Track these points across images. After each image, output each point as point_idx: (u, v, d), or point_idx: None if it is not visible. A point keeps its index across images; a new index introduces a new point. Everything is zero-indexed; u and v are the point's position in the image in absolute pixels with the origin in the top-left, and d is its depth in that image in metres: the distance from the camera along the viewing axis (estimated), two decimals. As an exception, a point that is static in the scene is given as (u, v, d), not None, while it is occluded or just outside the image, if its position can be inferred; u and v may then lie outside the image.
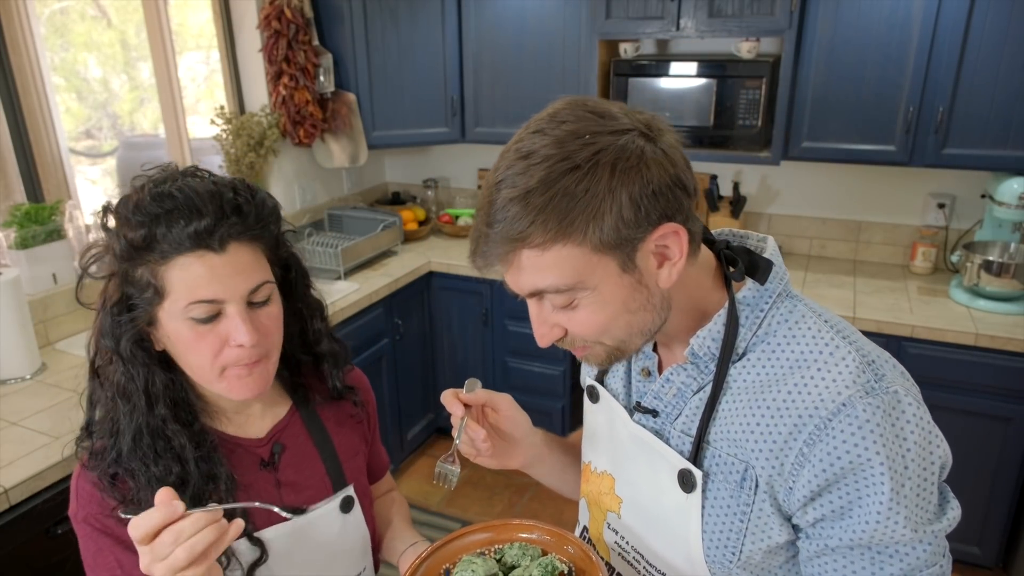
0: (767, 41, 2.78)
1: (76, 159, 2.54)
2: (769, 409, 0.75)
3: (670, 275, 0.75)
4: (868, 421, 0.70)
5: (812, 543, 0.75)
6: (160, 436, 0.90)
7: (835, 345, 0.76)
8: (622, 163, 0.69)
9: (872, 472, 0.69)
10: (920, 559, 0.72)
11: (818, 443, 0.71)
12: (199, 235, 0.84)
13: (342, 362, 1.09)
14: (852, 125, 2.49)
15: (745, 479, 0.77)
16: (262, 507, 0.88)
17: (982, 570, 2.53)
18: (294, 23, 2.78)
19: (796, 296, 0.82)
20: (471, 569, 0.84)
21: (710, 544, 0.80)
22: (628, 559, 0.92)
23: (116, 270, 0.88)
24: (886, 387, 0.72)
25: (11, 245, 2.11)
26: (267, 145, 2.88)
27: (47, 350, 2.14)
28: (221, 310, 0.87)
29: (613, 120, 0.71)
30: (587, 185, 0.68)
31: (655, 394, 0.86)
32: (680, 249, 0.74)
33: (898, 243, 2.88)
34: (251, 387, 0.92)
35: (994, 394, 2.28)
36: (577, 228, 0.69)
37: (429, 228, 3.45)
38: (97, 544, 0.90)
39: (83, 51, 2.54)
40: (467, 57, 3.04)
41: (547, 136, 0.71)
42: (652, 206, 0.70)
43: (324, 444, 1.07)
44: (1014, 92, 2.26)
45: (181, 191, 0.85)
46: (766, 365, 0.78)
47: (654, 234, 0.72)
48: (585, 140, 0.69)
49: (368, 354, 2.81)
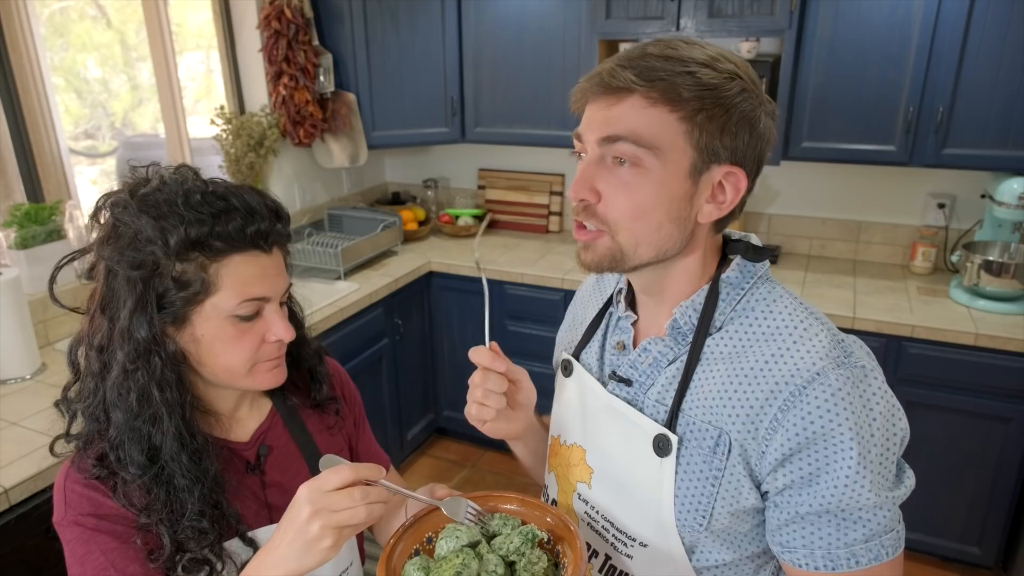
0: (767, 41, 2.78)
1: (76, 159, 2.54)
2: (746, 376, 0.79)
3: (710, 214, 0.81)
4: (840, 390, 0.74)
5: (781, 511, 0.78)
6: (184, 437, 0.89)
7: (808, 323, 0.81)
8: (750, 96, 0.78)
9: (841, 439, 0.74)
10: (881, 524, 0.76)
11: (792, 409, 0.75)
12: (257, 235, 0.88)
13: (322, 376, 1.11)
14: (852, 125, 2.49)
15: (718, 444, 0.80)
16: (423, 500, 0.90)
17: (982, 570, 2.53)
18: (294, 23, 2.79)
19: (775, 282, 0.88)
20: (455, 536, 0.86)
21: (681, 508, 0.83)
22: (597, 528, 0.94)
23: (123, 269, 0.85)
24: (855, 362, 0.77)
25: (11, 245, 2.12)
26: (267, 145, 2.88)
27: (47, 350, 2.14)
28: (262, 308, 0.91)
29: (754, 76, 0.81)
30: (740, 93, 0.77)
31: (631, 364, 0.90)
32: (732, 200, 0.81)
33: (898, 243, 2.88)
34: (278, 377, 0.98)
35: (994, 394, 2.28)
36: (692, 108, 0.76)
37: (429, 228, 3.45)
38: (87, 547, 0.87)
39: (83, 51, 2.54)
40: (467, 57, 3.04)
41: (705, 45, 0.80)
42: (750, 149, 0.79)
43: (306, 444, 1.07)
44: (1014, 92, 2.26)
45: (231, 192, 0.89)
46: (742, 337, 0.82)
47: (729, 168, 0.79)
48: (735, 64, 0.79)
49: (368, 354, 2.81)
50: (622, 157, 0.78)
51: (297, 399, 1.10)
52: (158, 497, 0.88)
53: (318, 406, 1.12)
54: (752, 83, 0.79)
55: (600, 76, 0.79)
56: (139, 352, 0.86)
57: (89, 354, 0.90)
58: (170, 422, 0.88)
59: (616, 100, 0.78)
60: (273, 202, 0.94)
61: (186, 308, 0.87)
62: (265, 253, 0.90)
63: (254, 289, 0.89)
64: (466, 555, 0.83)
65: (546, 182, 3.43)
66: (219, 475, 0.93)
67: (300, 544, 0.78)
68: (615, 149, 0.78)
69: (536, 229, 3.46)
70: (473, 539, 0.86)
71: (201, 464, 0.90)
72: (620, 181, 0.79)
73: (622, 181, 0.79)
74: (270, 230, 0.90)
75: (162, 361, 0.87)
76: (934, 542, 2.51)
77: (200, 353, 0.91)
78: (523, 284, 2.93)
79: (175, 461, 0.88)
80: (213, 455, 0.92)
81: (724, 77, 0.77)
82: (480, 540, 0.87)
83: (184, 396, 0.90)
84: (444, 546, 0.85)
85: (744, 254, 0.86)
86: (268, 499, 1.01)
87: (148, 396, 0.87)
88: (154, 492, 0.88)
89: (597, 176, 0.80)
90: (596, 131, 0.79)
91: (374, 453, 1.23)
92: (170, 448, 0.88)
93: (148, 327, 0.86)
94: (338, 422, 1.14)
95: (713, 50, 0.79)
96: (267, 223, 0.90)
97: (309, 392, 1.11)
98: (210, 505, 0.90)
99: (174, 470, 0.88)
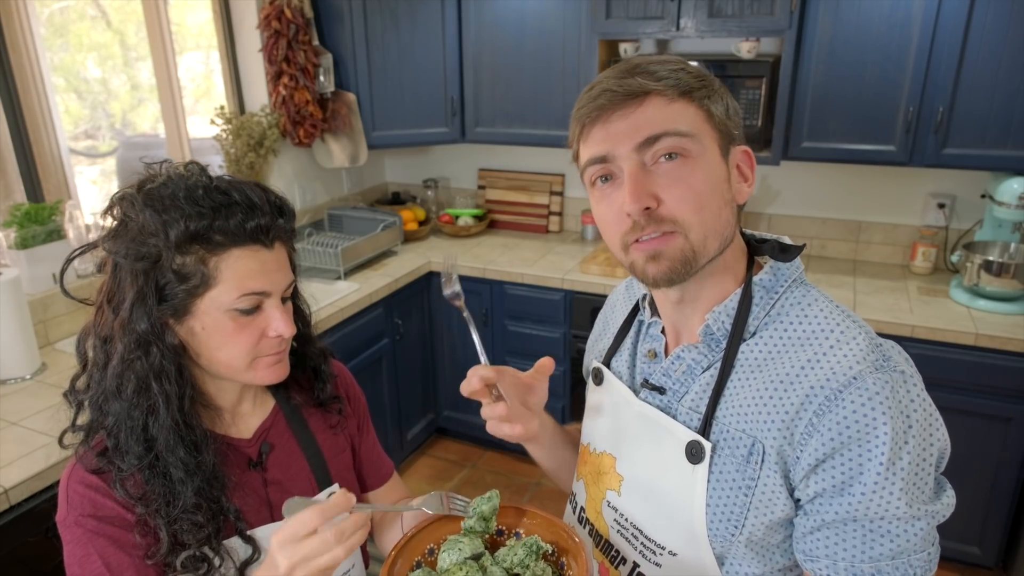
0: (767, 41, 2.78)
1: (76, 159, 2.54)
2: (782, 382, 0.78)
3: (743, 193, 0.84)
4: (877, 394, 0.72)
5: (808, 519, 0.77)
6: (181, 428, 0.89)
7: (845, 326, 0.79)
8: (720, 83, 0.84)
9: (876, 441, 0.71)
10: (910, 542, 0.73)
11: (828, 413, 0.73)
12: (258, 230, 0.89)
13: (327, 375, 1.11)
14: (852, 125, 2.49)
15: (752, 453, 0.78)
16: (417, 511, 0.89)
17: (982, 570, 2.53)
18: (294, 23, 2.78)
19: (810, 285, 0.86)
20: (458, 548, 0.85)
21: (713, 517, 0.82)
22: (626, 536, 0.93)
23: (127, 262, 0.86)
24: (893, 367, 0.75)
25: (11, 245, 2.11)
26: (267, 145, 2.88)
27: (47, 350, 2.14)
28: (262, 303, 0.91)
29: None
30: (721, 82, 0.84)
31: (664, 371, 0.89)
32: (752, 176, 0.85)
33: (898, 243, 2.88)
34: (280, 372, 0.97)
35: (994, 394, 2.28)
36: (700, 95, 0.80)
37: (429, 228, 3.45)
38: (85, 549, 0.88)
39: (82, 51, 2.54)
40: (467, 57, 3.04)
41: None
42: (737, 124, 0.83)
43: (308, 442, 1.07)
44: (1014, 92, 2.26)
45: (234, 187, 0.89)
46: (777, 342, 0.81)
47: (740, 148, 0.84)
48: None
49: (368, 354, 2.81)
50: (671, 151, 0.78)
51: (300, 397, 1.10)
52: (154, 489, 0.88)
53: (321, 405, 1.12)
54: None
55: (610, 89, 0.79)
56: (139, 343, 0.87)
57: (95, 345, 0.91)
58: (167, 413, 0.88)
59: (636, 105, 0.78)
60: (277, 197, 0.94)
61: (186, 300, 0.87)
62: (266, 248, 0.91)
63: (253, 283, 0.89)
64: (469, 567, 0.81)
65: (546, 182, 3.43)
66: (218, 469, 0.93)
67: None
68: (658, 148, 0.78)
69: (536, 229, 3.46)
70: (476, 551, 0.85)
71: (198, 457, 0.90)
72: (673, 178, 0.78)
73: (675, 177, 0.78)
74: (271, 225, 0.91)
75: (161, 352, 0.88)
76: (934, 542, 2.51)
77: (200, 345, 0.91)
78: (523, 284, 2.93)
79: (171, 452, 0.88)
80: (211, 449, 0.92)
81: (703, 71, 0.83)
82: (483, 552, 0.86)
83: (183, 388, 0.91)
84: (446, 558, 0.84)
85: (772, 254, 0.86)
86: (269, 497, 1.01)
87: (146, 386, 0.88)
88: (151, 484, 0.88)
89: (649, 181, 0.78)
90: (629, 139, 0.78)
91: (377, 458, 1.22)
92: (166, 439, 0.88)
93: (148, 319, 0.87)
94: (341, 421, 1.14)
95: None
96: (268, 218, 0.90)
97: (313, 391, 1.11)
98: (207, 499, 0.90)
99: (169, 461, 0.88)
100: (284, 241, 0.95)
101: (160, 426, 0.88)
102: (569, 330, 2.92)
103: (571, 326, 2.91)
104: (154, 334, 0.87)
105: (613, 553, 0.95)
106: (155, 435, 0.88)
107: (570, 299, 2.87)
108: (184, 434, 0.90)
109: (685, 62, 0.83)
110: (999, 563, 2.49)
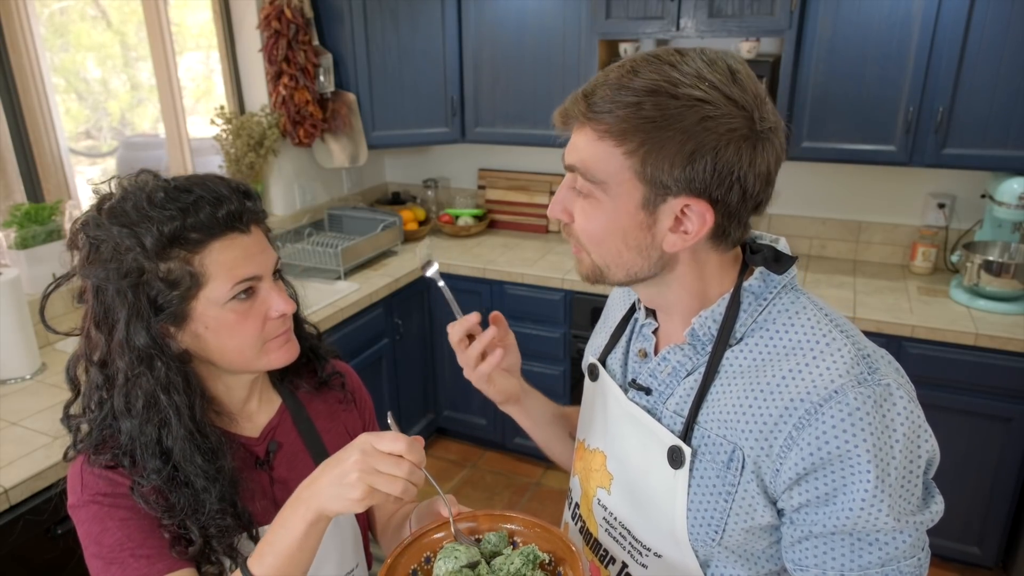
0: (767, 41, 2.78)
1: (76, 159, 2.54)
2: (762, 392, 0.77)
3: (675, 244, 0.77)
4: (858, 410, 0.71)
5: (795, 529, 0.77)
6: (196, 437, 0.89)
7: (832, 336, 0.77)
8: (713, 123, 0.71)
9: (858, 461, 0.71)
10: (899, 550, 0.73)
11: (807, 427, 0.73)
12: (230, 217, 0.88)
13: (323, 352, 1.11)
14: (852, 125, 2.49)
15: (732, 460, 0.78)
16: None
17: (982, 570, 2.53)
18: (294, 23, 2.79)
19: (800, 291, 0.84)
20: (454, 556, 0.84)
21: (694, 522, 0.82)
22: (614, 535, 0.93)
23: (112, 283, 0.85)
24: (878, 379, 0.74)
25: (11, 245, 2.12)
26: (267, 145, 2.88)
27: (47, 350, 2.14)
28: (256, 287, 0.91)
29: (743, 93, 0.73)
30: (701, 122, 0.71)
31: (650, 372, 0.89)
32: (697, 231, 0.76)
33: (898, 243, 2.88)
34: (292, 350, 0.97)
35: (994, 394, 2.28)
36: (634, 144, 0.72)
37: (429, 228, 3.45)
38: (103, 524, 0.87)
39: (82, 51, 2.55)
40: (467, 57, 3.04)
41: (687, 61, 0.74)
42: (703, 176, 0.72)
43: (313, 441, 1.07)
44: (1014, 92, 2.26)
45: (193, 184, 0.89)
46: (762, 350, 0.80)
47: (687, 200, 0.74)
48: (704, 88, 0.71)
49: (368, 354, 2.81)
50: (577, 188, 0.79)
51: (301, 382, 1.10)
52: (179, 499, 0.88)
53: (323, 384, 1.12)
54: (729, 106, 0.72)
55: (564, 103, 0.79)
56: (140, 359, 0.86)
57: (90, 370, 0.90)
58: (179, 424, 0.88)
59: (577, 128, 0.78)
60: (238, 183, 0.94)
61: (182, 305, 0.87)
62: (243, 233, 0.90)
63: (242, 271, 0.89)
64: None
65: (546, 182, 3.43)
66: (235, 473, 0.93)
67: (335, 481, 0.79)
68: (573, 178, 0.80)
69: (536, 229, 3.46)
70: (472, 559, 0.84)
71: (217, 463, 0.90)
72: (584, 209, 0.80)
73: (581, 208, 0.80)
74: (242, 210, 0.90)
75: (165, 364, 0.88)
76: (934, 542, 2.50)
77: (209, 346, 0.91)
78: (523, 284, 2.93)
79: (189, 462, 0.88)
80: (228, 453, 0.93)
81: (682, 105, 0.70)
82: (479, 561, 0.85)
83: (192, 397, 0.90)
84: (442, 567, 0.83)
85: (766, 264, 0.83)
86: (275, 495, 1.01)
87: (155, 401, 0.87)
88: (175, 495, 0.88)
89: (567, 198, 0.82)
90: (566, 156, 0.80)
91: None
92: (182, 449, 0.88)
93: (146, 332, 0.86)
94: (346, 396, 1.14)
95: (694, 66, 0.72)
96: (237, 204, 0.89)
97: (315, 372, 1.11)
98: (231, 502, 0.91)
99: (189, 472, 0.88)
100: (258, 223, 0.94)
101: (174, 437, 0.88)
102: (569, 330, 2.92)
103: (571, 326, 2.91)
104: (156, 347, 0.87)
105: (602, 552, 0.95)
106: (170, 447, 0.88)
107: (570, 299, 2.87)
108: (200, 442, 0.89)
109: (683, 85, 0.71)
110: (999, 563, 2.49)
